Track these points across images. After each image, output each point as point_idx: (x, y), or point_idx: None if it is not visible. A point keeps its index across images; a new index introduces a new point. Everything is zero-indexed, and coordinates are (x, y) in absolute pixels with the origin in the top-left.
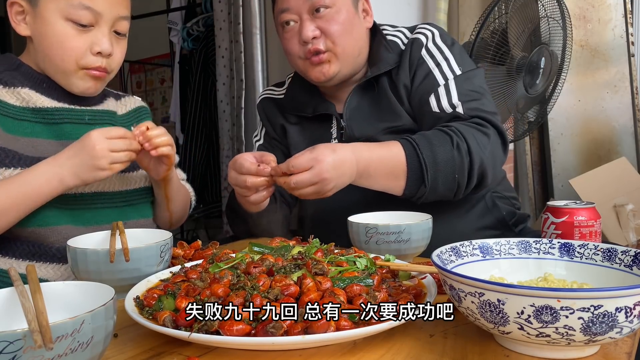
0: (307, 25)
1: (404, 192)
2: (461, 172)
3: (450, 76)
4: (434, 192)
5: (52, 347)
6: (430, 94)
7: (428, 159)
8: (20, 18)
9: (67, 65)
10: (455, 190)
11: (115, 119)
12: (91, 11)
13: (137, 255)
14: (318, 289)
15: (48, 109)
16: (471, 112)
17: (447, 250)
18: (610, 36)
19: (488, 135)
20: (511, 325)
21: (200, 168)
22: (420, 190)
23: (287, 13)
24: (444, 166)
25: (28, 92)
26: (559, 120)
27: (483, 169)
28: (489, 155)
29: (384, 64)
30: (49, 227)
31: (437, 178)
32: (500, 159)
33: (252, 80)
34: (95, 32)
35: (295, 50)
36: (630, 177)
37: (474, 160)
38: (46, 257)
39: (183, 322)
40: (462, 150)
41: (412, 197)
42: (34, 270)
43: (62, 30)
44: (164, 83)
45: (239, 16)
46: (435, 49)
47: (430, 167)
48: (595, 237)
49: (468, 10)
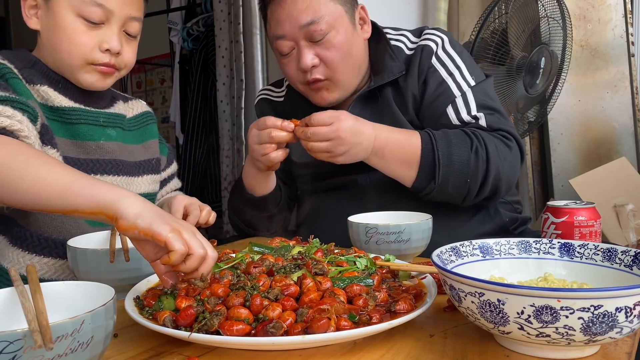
0: (305, 54)
1: (412, 184)
2: (474, 177)
3: (465, 87)
4: (442, 191)
5: (52, 347)
6: (446, 106)
7: (443, 157)
8: (32, 12)
9: (74, 60)
10: (465, 195)
11: (125, 122)
12: (103, 8)
13: (137, 255)
14: (318, 289)
15: (65, 109)
16: (494, 125)
17: (447, 250)
18: (610, 36)
19: (511, 148)
20: (511, 325)
21: (200, 168)
22: (429, 186)
23: (284, 40)
24: (458, 167)
25: (46, 90)
26: (559, 120)
27: (498, 180)
28: (507, 168)
29: (388, 73)
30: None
31: (448, 177)
32: (517, 172)
33: (252, 80)
34: (105, 30)
35: (294, 75)
36: (630, 177)
37: (490, 169)
38: (52, 250)
39: (183, 322)
40: (480, 157)
41: (420, 191)
42: (34, 271)
43: (71, 25)
44: (164, 83)
45: (239, 16)
46: (446, 56)
47: (444, 165)
48: (595, 237)
49: (468, 10)
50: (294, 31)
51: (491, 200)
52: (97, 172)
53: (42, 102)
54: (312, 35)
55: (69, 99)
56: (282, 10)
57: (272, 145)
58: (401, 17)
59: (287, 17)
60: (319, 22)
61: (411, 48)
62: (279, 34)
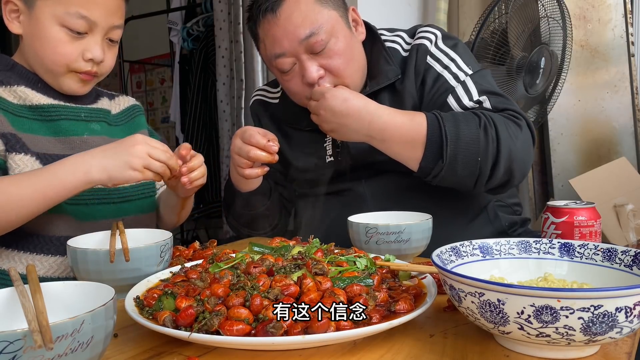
0: (309, 67)
1: (420, 165)
2: (485, 156)
3: (463, 76)
4: (452, 171)
5: (52, 347)
6: (446, 97)
7: (450, 133)
8: (13, 16)
9: (57, 68)
10: (477, 178)
11: (110, 117)
12: (87, 20)
13: (137, 255)
14: (318, 289)
15: (44, 106)
16: (500, 106)
17: (447, 250)
18: (610, 36)
19: (521, 127)
20: (511, 325)
21: None
22: (438, 166)
23: (284, 58)
24: (467, 144)
25: (24, 90)
26: (559, 120)
27: (511, 161)
28: (520, 148)
29: (384, 78)
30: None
31: (457, 155)
32: (530, 156)
33: (252, 80)
34: (89, 40)
35: (300, 91)
36: (630, 177)
37: (502, 149)
38: (49, 247)
39: (183, 322)
40: (490, 135)
41: (428, 173)
42: (34, 270)
43: (55, 35)
44: (164, 83)
45: (239, 16)
46: (440, 52)
47: (451, 142)
48: (595, 237)
49: (468, 10)
50: (294, 46)
51: (505, 186)
52: None
53: (19, 102)
54: (313, 47)
55: (48, 96)
56: (277, 28)
57: (249, 162)
58: (401, 17)
59: (284, 33)
60: (319, 33)
61: (407, 49)
62: (278, 52)
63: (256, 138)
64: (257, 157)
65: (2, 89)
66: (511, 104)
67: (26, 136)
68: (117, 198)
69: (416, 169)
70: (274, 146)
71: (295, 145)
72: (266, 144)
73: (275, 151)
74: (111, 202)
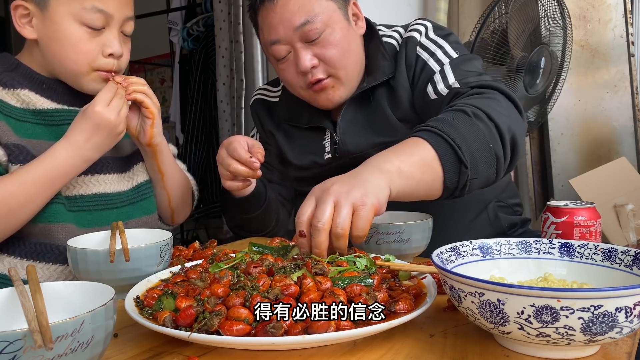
0: (303, 55)
1: (444, 184)
2: (493, 140)
3: (445, 61)
4: (476, 171)
5: (52, 347)
6: (427, 85)
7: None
8: (25, 21)
9: (80, 68)
10: (496, 165)
11: None
12: (103, 14)
13: (137, 255)
14: (318, 289)
15: (48, 111)
16: (469, 85)
17: (447, 250)
18: (610, 36)
19: (494, 98)
20: (511, 325)
21: (200, 168)
22: (463, 174)
23: (279, 45)
24: (474, 138)
25: (27, 94)
26: (559, 120)
27: (513, 133)
28: (509, 115)
29: (381, 73)
30: (58, 224)
31: (472, 153)
32: (520, 123)
33: (252, 80)
34: (107, 34)
35: (294, 80)
36: (630, 177)
37: (501, 126)
38: (50, 256)
39: (183, 322)
40: (483, 120)
41: (456, 187)
42: (34, 270)
43: (75, 34)
44: (164, 83)
45: (239, 16)
46: (429, 41)
47: (461, 144)
48: (595, 237)
49: (468, 10)
50: (289, 34)
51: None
52: (87, 173)
53: (22, 106)
54: (308, 35)
55: (52, 100)
56: (274, 15)
57: (229, 174)
58: (402, 17)
59: (280, 20)
60: (314, 22)
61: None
62: (274, 39)
63: (239, 152)
64: (237, 171)
65: (5, 91)
66: (481, 80)
67: (30, 142)
68: (120, 202)
69: (442, 190)
70: (255, 162)
71: (295, 143)
72: (247, 160)
73: (257, 167)
74: (114, 207)
